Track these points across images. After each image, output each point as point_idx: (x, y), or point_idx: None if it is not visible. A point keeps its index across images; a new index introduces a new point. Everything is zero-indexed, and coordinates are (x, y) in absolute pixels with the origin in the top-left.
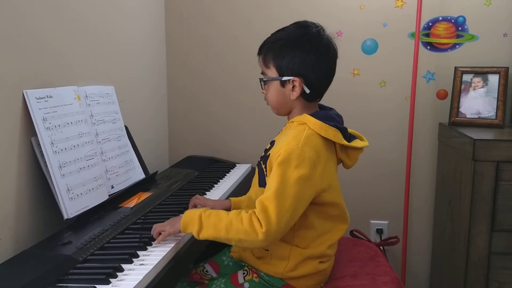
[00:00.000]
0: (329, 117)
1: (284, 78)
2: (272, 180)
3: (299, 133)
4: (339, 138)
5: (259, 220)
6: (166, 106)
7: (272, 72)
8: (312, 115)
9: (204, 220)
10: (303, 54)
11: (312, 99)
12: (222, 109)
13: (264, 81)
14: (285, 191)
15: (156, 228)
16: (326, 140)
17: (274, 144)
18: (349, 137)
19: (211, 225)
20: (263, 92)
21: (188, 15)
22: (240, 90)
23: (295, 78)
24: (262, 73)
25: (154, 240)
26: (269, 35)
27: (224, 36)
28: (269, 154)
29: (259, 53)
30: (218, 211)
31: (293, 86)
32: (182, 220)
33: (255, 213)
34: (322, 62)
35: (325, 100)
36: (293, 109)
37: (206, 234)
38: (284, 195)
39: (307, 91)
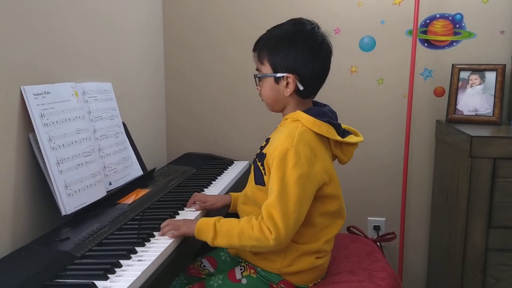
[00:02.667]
0: (322, 113)
1: (278, 75)
2: (272, 184)
3: (292, 130)
4: (333, 134)
5: (268, 227)
6: (164, 104)
7: (267, 69)
8: (305, 111)
9: (218, 229)
10: (297, 51)
11: (306, 96)
12: (220, 109)
13: (259, 77)
14: (287, 194)
15: (170, 223)
16: (320, 136)
17: (269, 141)
18: (343, 132)
19: (225, 233)
20: (257, 89)
21: (187, 6)
22: (238, 88)
23: (289, 75)
24: (257, 69)
25: (152, 236)
26: (268, 28)
27: (225, 28)
28: (265, 153)
29: (254, 50)
30: (230, 219)
31: (287, 83)
32: (197, 226)
33: (263, 219)
34: (315, 59)
35: (323, 97)
36: (287, 106)
37: (220, 241)
38: (287, 198)
39: (301, 87)
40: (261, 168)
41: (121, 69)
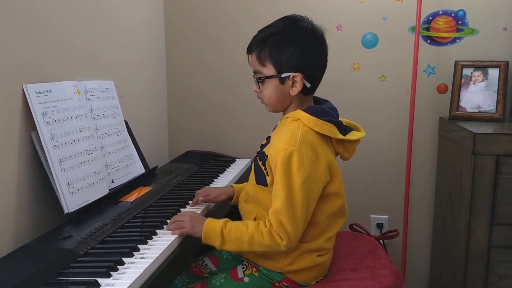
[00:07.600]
0: (323, 111)
1: (284, 75)
2: (278, 189)
3: (294, 131)
4: (335, 133)
5: (278, 234)
6: (166, 102)
7: (269, 70)
8: (306, 110)
9: (226, 235)
10: (303, 49)
11: (310, 93)
12: (222, 107)
13: (261, 80)
14: (294, 199)
15: (175, 221)
16: (322, 134)
17: (270, 140)
18: (345, 129)
19: (233, 240)
20: (256, 91)
21: (188, 4)
22: (240, 85)
23: (296, 74)
24: (256, 71)
25: (155, 233)
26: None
27: (227, 25)
28: (266, 153)
29: (251, 51)
30: (237, 223)
31: (293, 82)
32: (204, 230)
33: (272, 226)
34: (320, 54)
35: (325, 95)
36: (290, 105)
37: (229, 247)
38: (294, 203)
39: (308, 85)
40: (263, 168)
41: (123, 67)
